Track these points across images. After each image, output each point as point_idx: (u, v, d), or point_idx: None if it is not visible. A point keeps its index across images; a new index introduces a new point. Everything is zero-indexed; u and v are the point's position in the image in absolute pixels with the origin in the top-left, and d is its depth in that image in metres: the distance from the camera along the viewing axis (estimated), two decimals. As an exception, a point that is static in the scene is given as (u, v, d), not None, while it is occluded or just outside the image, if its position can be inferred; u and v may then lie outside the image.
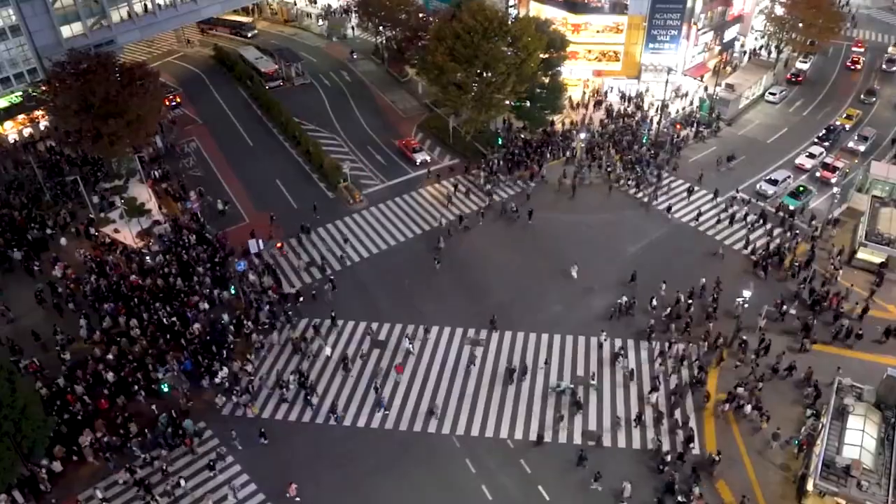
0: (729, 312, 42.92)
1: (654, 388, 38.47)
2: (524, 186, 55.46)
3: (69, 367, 40.07)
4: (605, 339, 41.61)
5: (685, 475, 34.08)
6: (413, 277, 46.76)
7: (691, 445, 35.54)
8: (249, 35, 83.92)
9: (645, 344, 41.92)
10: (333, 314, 43.74)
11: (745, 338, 41.08)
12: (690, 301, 43.87)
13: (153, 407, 37.91)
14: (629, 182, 56.03)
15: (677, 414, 37.83)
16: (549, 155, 59.67)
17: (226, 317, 43.27)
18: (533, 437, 36.28)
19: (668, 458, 34.78)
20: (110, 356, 40.47)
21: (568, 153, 59.83)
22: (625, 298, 43.68)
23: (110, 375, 39.27)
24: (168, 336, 41.94)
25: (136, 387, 38.99)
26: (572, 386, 38.40)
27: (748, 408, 37.20)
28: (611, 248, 49.24)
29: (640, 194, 54.77)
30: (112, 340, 41.70)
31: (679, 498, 33.09)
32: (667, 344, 41.44)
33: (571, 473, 34.42)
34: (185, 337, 41.83)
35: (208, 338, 41.90)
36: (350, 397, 39.15)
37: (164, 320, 42.66)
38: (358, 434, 36.96)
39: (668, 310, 43.44)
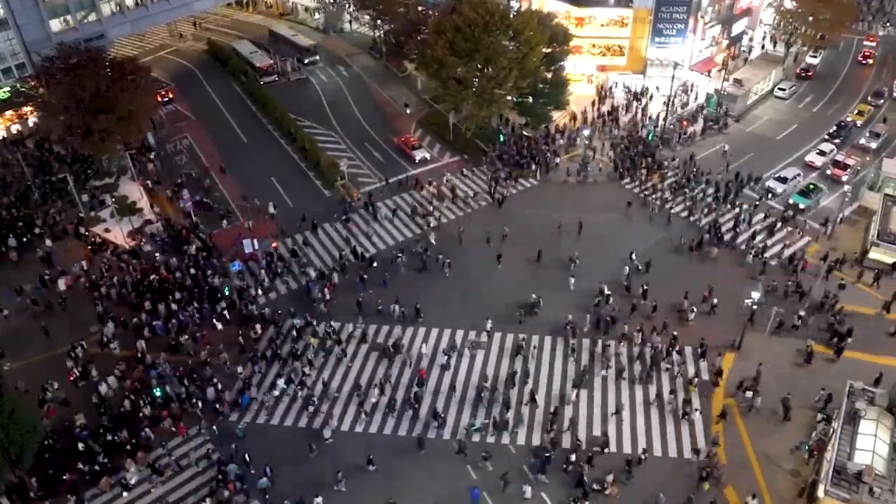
0: (675, 306, 43.53)
1: (576, 385, 38.75)
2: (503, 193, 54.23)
3: (122, 373, 39.55)
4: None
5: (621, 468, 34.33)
6: (410, 278, 46.79)
7: (606, 450, 35.54)
8: (306, 62, 74.88)
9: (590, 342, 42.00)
10: (418, 306, 43.54)
11: (675, 333, 41.30)
12: (609, 294, 44.19)
13: (202, 430, 37.07)
14: (665, 199, 53.20)
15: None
16: (533, 166, 56.99)
17: (297, 320, 42.67)
18: (535, 442, 36.29)
19: (574, 457, 34.78)
20: (157, 363, 39.68)
21: (557, 163, 57.41)
22: (534, 296, 43.70)
23: (168, 388, 38.19)
24: (240, 338, 41.58)
25: (192, 402, 38.15)
26: (486, 421, 37.26)
27: (694, 412, 37.42)
28: (614, 248, 49.00)
29: (694, 217, 51.52)
30: (171, 347, 41.22)
31: (594, 486, 33.59)
32: (599, 342, 41.60)
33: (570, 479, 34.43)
34: (248, 339, 41.62)
35: (277, 343, 41.61)
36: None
37: (218, 323, 42.61)
38: (370, 440, 36.80)
39: (597, 300, 43.96)
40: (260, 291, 45.88)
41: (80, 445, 35.33)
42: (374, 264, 47.40)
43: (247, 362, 40.66)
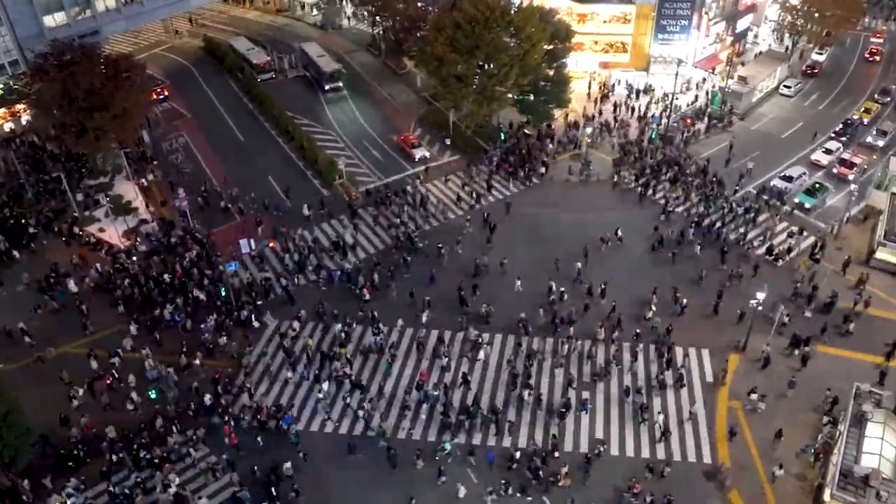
0: (641, 297, 43.74)
1: (527, 386, 38.92)
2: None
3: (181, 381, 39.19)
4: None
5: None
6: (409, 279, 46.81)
7: (556, 454, 35.49)
8: (327, 88, 69.04)
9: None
10: (463, 293, 44.02)
11: (637, 331, 41.67)
12: (563, 290, 44.49)
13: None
14: (702, 214, 51.19)
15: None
16: (521, 173, 55.92)
17: (338, 326, 42.45)
18: (537, 446, 36.29)
19: (518, 454, 35.07)
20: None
21: (542, 172, 55.86)
22: (483, 308, 43.41)
23: (207, 398, 37.71)
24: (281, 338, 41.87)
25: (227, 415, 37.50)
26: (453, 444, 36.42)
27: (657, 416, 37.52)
28: (619, 249, 49.14)
29: (726, 231, 49.62)
30: (208, 351, 41.09)
31: (549, 479, 34.06)
32: (560, 341, 41.85)
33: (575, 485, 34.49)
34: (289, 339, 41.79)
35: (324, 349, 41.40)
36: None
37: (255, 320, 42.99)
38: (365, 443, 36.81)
39: (551, 297, 44.16)
40: (299, 280, 46.47)
41: (114, 457, 35.19)
42: (422, 244, 48.68)
43: (288, 366, 40.62)
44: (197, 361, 40.23)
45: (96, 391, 38.52)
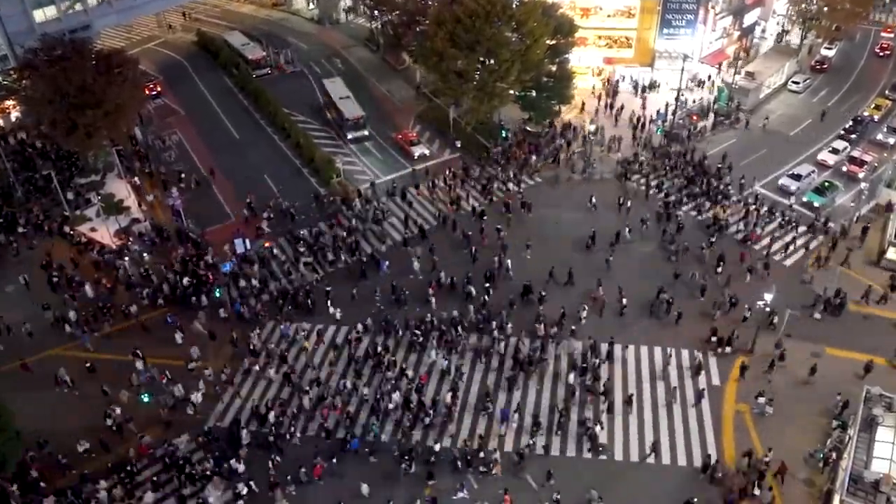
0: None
1: (453, 390, 38.93)
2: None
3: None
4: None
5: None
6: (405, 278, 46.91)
7: (481, 453, 35.70)
8: (350, 137, 60.90)
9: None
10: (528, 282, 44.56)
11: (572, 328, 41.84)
12: (489, 286, 44.94)
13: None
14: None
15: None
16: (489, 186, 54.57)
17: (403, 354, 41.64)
18: (539, 450, 36.37)
19: (437, 447, 35.96)
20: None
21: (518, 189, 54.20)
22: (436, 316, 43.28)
23: (272, 415, 37.22)
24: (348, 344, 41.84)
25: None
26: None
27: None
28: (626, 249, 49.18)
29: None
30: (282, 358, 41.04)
31: (480, 468, 34.95)
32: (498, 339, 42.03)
33: (578, 489, 34.47)
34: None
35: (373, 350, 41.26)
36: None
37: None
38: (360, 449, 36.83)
39: (482, 298, 44.33)
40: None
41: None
42: (485, 217, 50.79)
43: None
44: (257, 368, 40.35)
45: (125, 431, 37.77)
